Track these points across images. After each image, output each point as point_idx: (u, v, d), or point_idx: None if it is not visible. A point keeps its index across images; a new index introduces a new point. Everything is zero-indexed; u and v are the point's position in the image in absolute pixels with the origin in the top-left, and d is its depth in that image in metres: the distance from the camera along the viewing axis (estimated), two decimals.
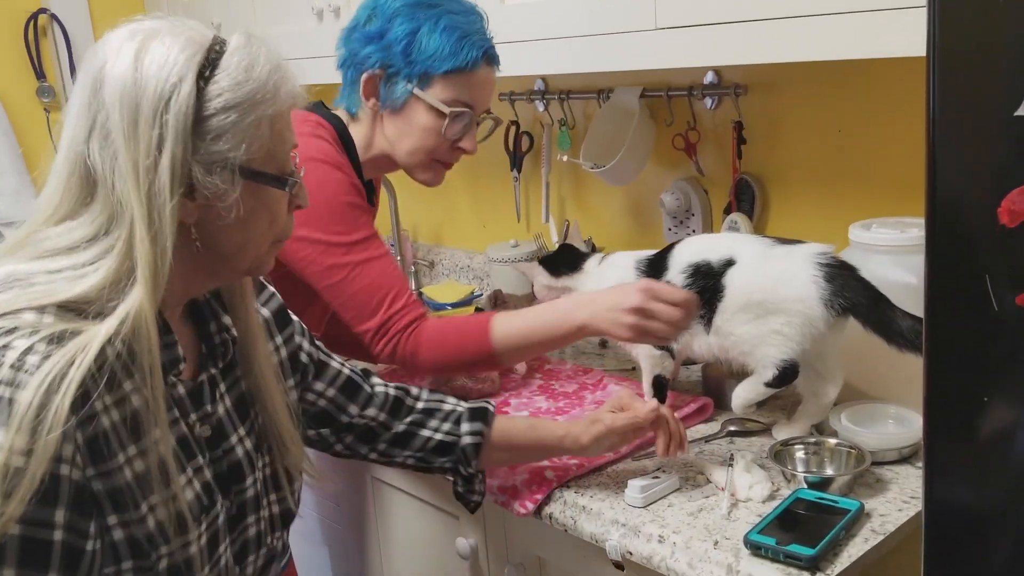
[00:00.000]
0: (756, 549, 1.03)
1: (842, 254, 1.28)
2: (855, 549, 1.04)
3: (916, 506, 1.11)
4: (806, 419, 1.30)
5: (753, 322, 1.23)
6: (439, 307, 2.06)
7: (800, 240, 1.27)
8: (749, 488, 1.16)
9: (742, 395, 1.28)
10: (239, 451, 0.98)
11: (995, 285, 0.68)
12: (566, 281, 1.45)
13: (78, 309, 0.82)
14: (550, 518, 1.20)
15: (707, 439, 1.33)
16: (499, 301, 1.64)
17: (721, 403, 1.41)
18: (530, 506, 1.21)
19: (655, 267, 1.34)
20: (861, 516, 1.09)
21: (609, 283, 1.38)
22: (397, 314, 1.32)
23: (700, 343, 1.31)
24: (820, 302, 1.20)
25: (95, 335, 0.80)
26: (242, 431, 0.99)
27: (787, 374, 1.23)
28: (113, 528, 0.84)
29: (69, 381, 0.77)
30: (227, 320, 0.99)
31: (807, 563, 1.00)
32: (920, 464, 1.20)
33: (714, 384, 1.45)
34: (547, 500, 1.21)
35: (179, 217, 0.84)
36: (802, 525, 1.06)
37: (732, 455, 1.21)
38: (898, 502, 1.13)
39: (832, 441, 1.23)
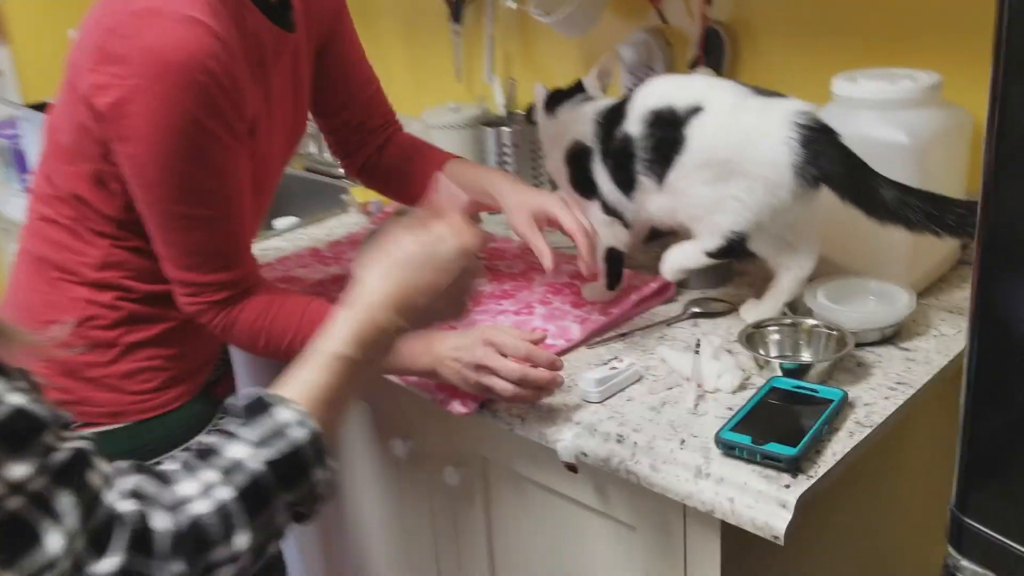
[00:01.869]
0: (729, 449, 0.90)
1: (824, 110, 1.13)
2: (839, 446, 0.92)
3: (904, 393, 1.00)
4: (778, 297, 1.16)
5: (711, 183, 1.08)
6: None
7: (781, 93, 1.10)
8: (718, 377, 1.03)
9: (675, 260, 1.15)
10: None
11: None
12: (546, 118, 1.25)
13: None
14: (494, 415, 1.06)
15: (669, 322, 1.20)
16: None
17: (684, 282, 1.27)
18: (472, 404, 1.07)
19: (612, 117, 1.16)
20: (844, 407, 0.97)
21: (563, 138, 1.21)
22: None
23: (652, 202, 1.15)
24: (790, 168, 1.04)
25: None
26: None
27: (733, 247, 1.10)
28: None
29: None
30: None
31: (788, 464, 0.87)
32: (904, 345, 1.10)
33: None
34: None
35: None
36: (779, 420, 0.94)
37: (698, 341, 1.08)
38: (883, 389, 1.01)
39: (809, 322, 1.10)
